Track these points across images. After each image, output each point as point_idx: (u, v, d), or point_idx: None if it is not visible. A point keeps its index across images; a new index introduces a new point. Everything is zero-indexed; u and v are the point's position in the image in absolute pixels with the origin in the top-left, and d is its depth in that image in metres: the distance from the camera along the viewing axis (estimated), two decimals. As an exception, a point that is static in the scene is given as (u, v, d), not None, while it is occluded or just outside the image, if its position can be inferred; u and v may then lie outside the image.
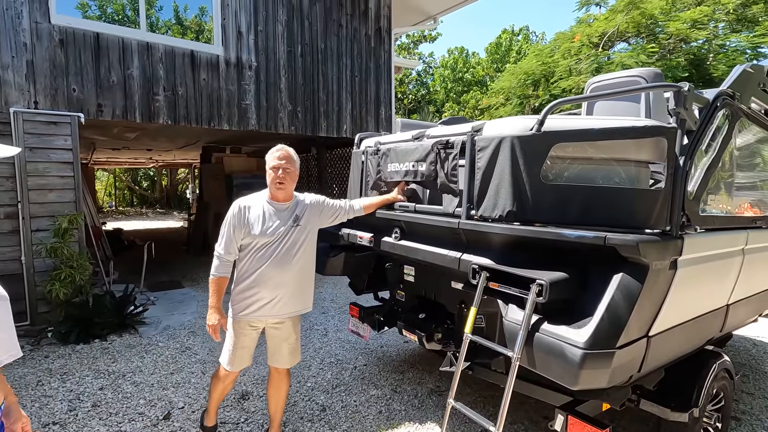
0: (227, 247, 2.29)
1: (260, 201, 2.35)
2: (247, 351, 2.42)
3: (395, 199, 2.66)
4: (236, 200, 2.35)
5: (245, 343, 2.39)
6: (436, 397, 3.21)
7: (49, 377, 3.54)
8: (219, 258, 2.31)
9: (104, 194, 24.59)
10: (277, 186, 2.30)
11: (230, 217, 2.30)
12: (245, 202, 2.33)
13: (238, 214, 2.29)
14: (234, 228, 2.27)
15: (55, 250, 4.53)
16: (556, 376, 1.65)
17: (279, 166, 2.29)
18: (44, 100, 4.75)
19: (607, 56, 10.19)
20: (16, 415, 1.23)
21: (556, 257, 1.91)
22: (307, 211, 2.42)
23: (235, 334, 2.37)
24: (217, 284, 2.32)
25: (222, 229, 2.33)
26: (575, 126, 1.92)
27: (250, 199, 2.36)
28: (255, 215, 2.28)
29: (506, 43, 20.45)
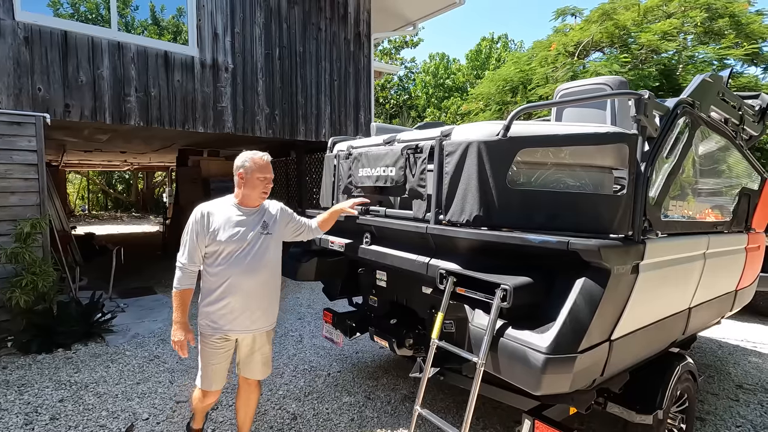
0: (191, 256, 2.16)
1: (225, 206, 2.24)
2: (223, 367, 2.29)
3: (342, 211, 2.59)
4: (198, 206, 2.22)
5: (220, 359, 2.26)
6: (409, 404, 3.18)
7: (6, 389, 3.37)
8: (182, 269, 2.16)
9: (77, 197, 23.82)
10: (263, 196, 2.26)
11: (192, 223, 2.17)
12: (208, 207, 2.21)
13: (201, 220, 2.16)
14: (197, 235, 2.15)
15: (16, 255, 4.34)
16: (520, 381, 1.65)
17: (267, 177, 2.25)
18: (7, 99, 4.56)
19: (582, 65, 10.46)
20: None
21: (522, 262, 1.91)
22: (278, 220, 2.35)
23: (208, 351, 2.24)
24: (182, 297, 2.18)
25: (184, 237, 2.19)
26: (540, 132, 1.94)
27: (212, 204, 2.24)
28: (220, 221, 2.17)
29: (486, 51, 20.77)
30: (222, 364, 2.28)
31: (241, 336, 2.27)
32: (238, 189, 2.25)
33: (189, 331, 2.21)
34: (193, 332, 2.25)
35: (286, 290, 6.55)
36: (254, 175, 2.21)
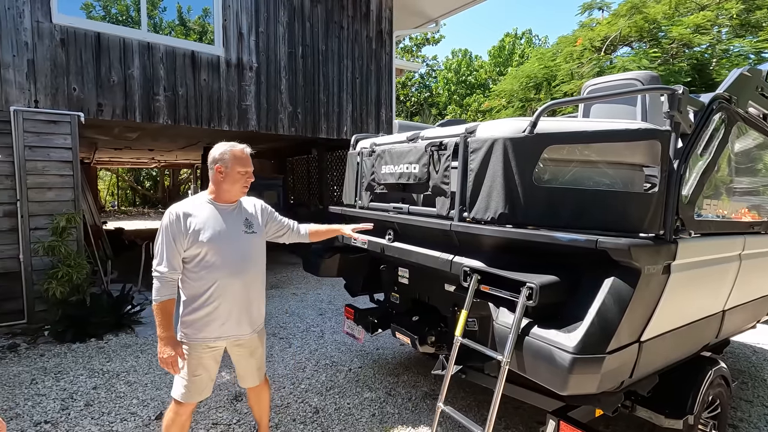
0: (170, 263, 1.93)
1: (201, 204, 2.04)
2: (208, 376, 2.10)
3: (340, 232, 2.43)
4: (171, 207, 2.02)
5: (207, 368, 2.08)
6: (431, 401, 3.18)
7: (44, 376, 3.53)
8: (160, 278, 1.93)
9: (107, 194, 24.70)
10: (243, 191, 2.09)
11: (167, 226, 1.95)
12: (183, 207, 2.00)
13: (177, 222, 1.95)
14: (175, 238, 1.93)
15: (52, 248, 4.54)
16: (545, 380, 1.63)
17: (247, 170, 2.05)
18: (44, 99, 4.77)
19: (609, 60, 10.18)
20: None
21: (547, 260, 1.89)
22: (260, 217, 2.21)
23: (193, 362, 2.04)
24: (164, 309, 1.94)
25: (158, 244, 1.96)
26: (568, 128, 1.90)
27: (187, 204, 2.02)
28: (200, 220, 1.98)
29: (509, 47, 20.44)
30: (208, 374, 2.10)
31: (230, 342, 2.11)
32: (216, 185, 2.04)
33: (178, 345, 1.99)
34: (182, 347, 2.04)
35: (307, 286, 6.64)
36: (234, 169, 2.01)
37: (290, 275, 7.33)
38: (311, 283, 6.86)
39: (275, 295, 6.14)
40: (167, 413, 2.15)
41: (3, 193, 4.55)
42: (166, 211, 2.03)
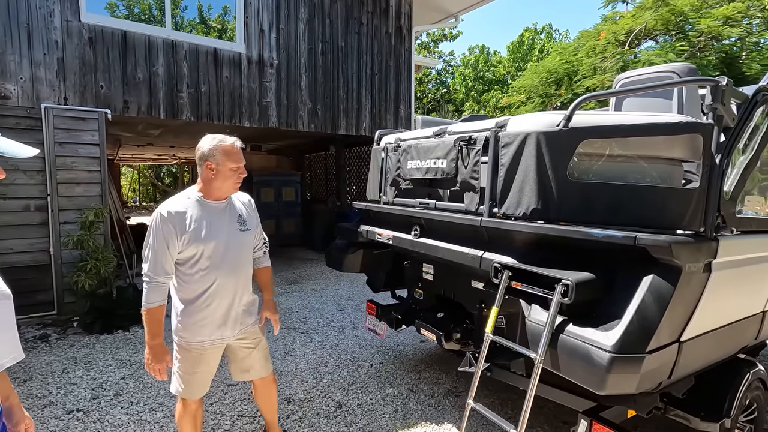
0: (161, 266, 1.83)
1: (191, 202, 1.93)
2: (208, 372, 2.04)
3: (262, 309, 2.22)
4: (160, 207, 1.90)
5: (206, 366, 2.02)
6: (453, 398, 3.17)
7: (74, 365, 3.63)
8: (150, 282, 1.82)
9: (129, 190, 25.28)
10: (236, 187, 1.98)
11: (157, 227, 1.84)
12: (173, 206, 1.88)
13: (168, 222, 1.84)
14: (167, 240, 1.83)
15: (81, 242, 4.66)
16: (581, 379, 1.59)
17: (240, 167, 1.94)
18: (73, 96, 4.89)
19: (634, 55, 9.93)
20: (19, 416, 1.16)
21: (581, 257, 1.85)
22: (254, 216, 2.15)
23: (191, 358, 1.99)
24: (154, 316, 1.83)
25: (148, 246, 1.85)
26: (604, 122, 1.85)
27: (176, 202, 1.91)
28: (193, 219, 1.88)
29: (528, 42, 20.11)
30: (208, 371, 2.04)
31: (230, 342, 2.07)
32: (205, 182, 1.93)
33: (167, 352, 1.90)
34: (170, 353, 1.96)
35: (326, 282, 6.67)
36: (226, 166, 1.89)
37: (309, 271, 7.38)
38: (330, 278, 6.89)
39: (295, 291, 6.19)
40: (177, 406, 2.14)
41: (34, 188, 4.69)
42: (155, 210, 1.91)
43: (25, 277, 4.65)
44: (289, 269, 7.39)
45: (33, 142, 4.64)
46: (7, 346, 1.04)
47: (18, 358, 1.08)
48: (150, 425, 2.77)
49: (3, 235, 4.54)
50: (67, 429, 2.72)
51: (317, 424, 2.82)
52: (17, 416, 1.16)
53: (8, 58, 4.52)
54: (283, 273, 7.14)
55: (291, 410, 2.97)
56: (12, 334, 1.07)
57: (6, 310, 1.06)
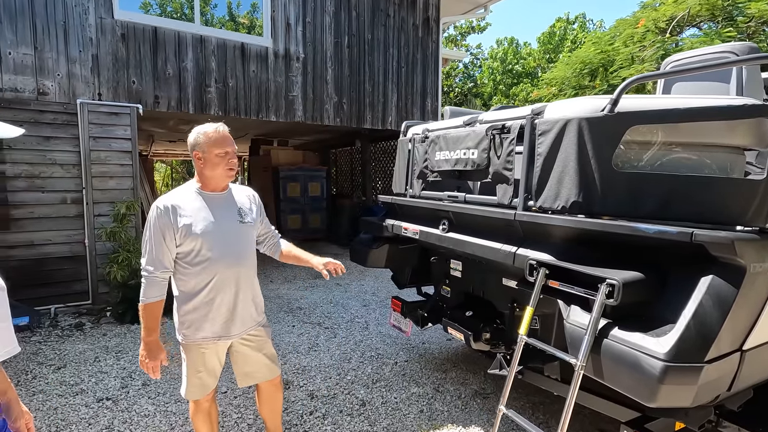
0: (159, 261, 1.80)
1: (189, 195, 1.90)
2: (213, 374, 2.00)
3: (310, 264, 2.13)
4: (157, 200, 1.88)
5: (209, 365, 1.97)
6: (481, 400, 3.04)
7: (106, 354, 3.72)
8: (148, 277, 1.79)
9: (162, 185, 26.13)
10: (228, 174, 1.90)
11: (155, 220, 1.80)
12: (171, 200, 1.85)
13: (165, 215, 1.80)
14: (165, 234, 1.79)
15: (114, 234, 4.78)
16: (628, 389, 1.45)
17: (228, 151, 1.86)
18: (107, 91, 5.01)
19: (675, 43, 9.39)
20: (18, 412, 1.12)
21: (625, 255, 1.69)
22: (254, 210, 2.08)
23: (194, 358, 1.95)
24: (151, 311, 1.80)
25: (146, 240, 1.83)
26: (655, 106, 1.68)
27: (174, 196, 1.89)
28: (190, 212, 1.85)
29: (560, 33, 19.39)
30: (212, 371, 1.99)
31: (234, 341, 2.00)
32: (199, 174, 1.91)
33: (162, 350, 1.87)
34: (167, 351, 1.94)
35: (350, 277, 6.62)
36: (212, 152, 1.84)
37: (333, 266, 7.36)
38: (354, 273, 6.84)
39: (319, 285, 6.18)
40: (189, 404, 2.11)
41: (70, 182, 4.84)
42: (153, 204, 1.88)
43: (63, 267, 4.82)
44: (314, 264, 7.39)
45: (69, 136, 4.79)
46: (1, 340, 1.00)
47: (13, 351, 1.03)
48: (175, 416, 2.79)
49: (42, 226, 4.71)
50: (97, 417, 2.77)
51: (340, 421, 2.76)
52: (15, 412, 1.11)
53: (46, 55, 4.66)
54: (307, 268, 7.14)
55: (314, 406, 2.93)
56: (5, 325, 1.02)
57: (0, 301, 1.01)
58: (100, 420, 2.73)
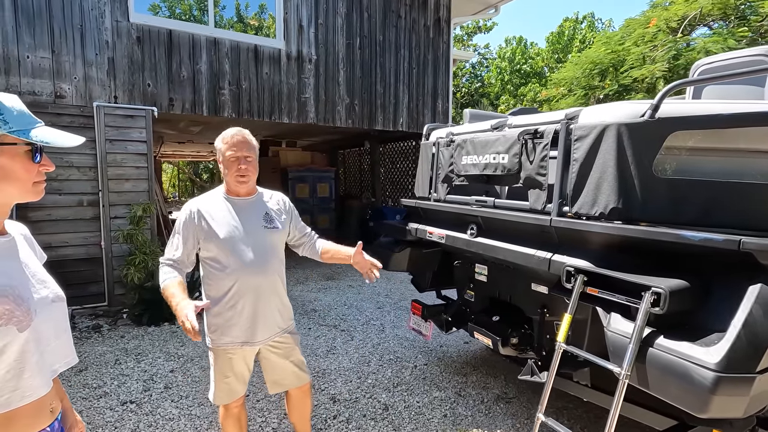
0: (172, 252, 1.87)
1: (217, 200, 1.94)
2: (241, 380, 2.00)
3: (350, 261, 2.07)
4: (189, 203, 1.94)
5: (237, 370, 1.97)
6: (504, 404, 3.02)
7: (126, 357, 3.73)
8: (162, 265, 1.86)
9: (169, 185, 26.25)
10: (239, 180, 1.88)
11: (186, 220, 1.87)
12: (200, 203, 1.90)
13: (193, 218, 1.86)
14: (190, 234, 1.86)
15: (130, 236, 4.80)
16: (677, 399, 1.43)
17: (239, 156, 1.86)
18: (122, 94, 5.02)
19: (687, 42, 9.34)
20: (72, 420, 1.14)
21: (666, 262, 1.67)
22: (285, 215, 2.07)
23: (221, 364, 1.96)
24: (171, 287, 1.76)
25: (174, 234, 1.89)
26: (697, 111, 1.66)
27: (204, 200, 1.93)
28: (215, 216, 1.88)
29: (569, 32, 19.30)
30: (240, 377, 1.99)
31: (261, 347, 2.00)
32: (224, 178, 1.95)
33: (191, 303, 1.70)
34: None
35: (362, 279, 6.61)
36: (226, 155, 1.86)
37: (344, 267, 7.36)
38: (366, 275, 6.83)
39: (332, 287, 6.17)
40: (219, 409, 2.11)
41: (87, 184, 4.86)
42: (184, 206, 1.94)
43: (79, 269, 4.84)
44: (324, 266, 7.39)
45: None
46: (62, 351, 1.01)
47: (72, 362, 1.04)
48: (200, 420, 2.79)
49: (59, 228, 4.73)
50: (122, 420, 2.77)
51: (365, 426, 2.76)
52: (70, 420, 1.13)
53: (63, 58, 4.69)
54: (319, 269, 7.15)
55: (337, 410, 2.92)
56: (66, 337, 1.03)
57: (61, 313, 1.02)
58: (126, 423, 2.74)
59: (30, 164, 0.92)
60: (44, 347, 0.95)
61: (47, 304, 0.97)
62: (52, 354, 0.97)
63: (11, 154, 0.89)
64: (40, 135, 0.91)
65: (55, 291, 1.02)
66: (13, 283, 0.90)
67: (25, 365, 0.90)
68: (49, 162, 0.97)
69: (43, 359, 0.94)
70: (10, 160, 0.89)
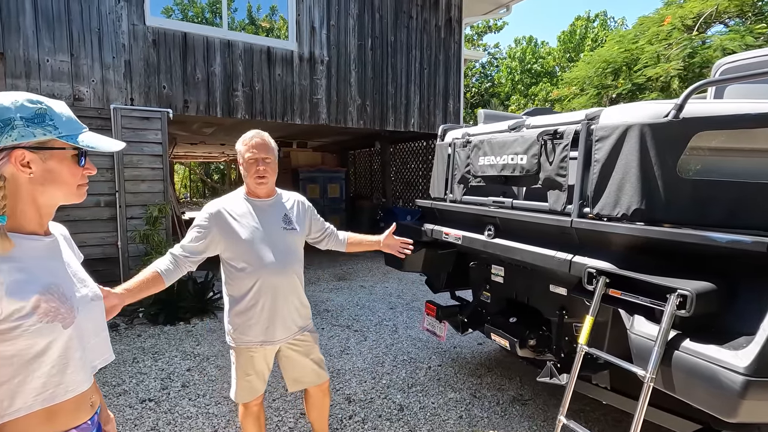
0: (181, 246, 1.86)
1: (238, 201, 1.97)
2: (261, 378, 2.02)
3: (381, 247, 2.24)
4: (211, 202, 1.96)
5: (258, 369, 2.00)
6: (520, 406, 3.01)
7: (143, 355, 3.78)
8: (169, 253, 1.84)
9: (180, 186, 26.56)
10: (258, 182, 1.90)
11: (208, 219, 1.88)
12: (223, 204, 1.93)
13: (213, 218, 1.88)
14: (211, 232, 1.87)
15: (146, 236, 4.87)
16: (704, 403, 1.41)
17: (257, 158, 1.88)
18: (138, 97, 5.10)
19: (702, 40, 9.20)
20: (105, 415, 1.18)
21: (689, 264, 1.65)
22: (303, 215, 2.10)
23: (242, 362, 1.99)
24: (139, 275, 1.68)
25: (191, 231, 1.90)
26: (724, 111, 1.64)
27: (225, 200, 1.96)
28: (237, 217, 1.91)
29: (581, 31, 19.10)
30: (260, 376, 2.02)
31: (281, 345, 2.02)
32: (244, 180, 1.98)
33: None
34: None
35: (374, 279, 6.63)
36: (246, 157, 1.90)
37: (355, 267, 7.38)
38: (377, 275, 6.85)
39: (344, 287, 6.19)
40: (239, 407, 2.13)
41: (104, 185, 4.94)
42: (206, 205, 1.97)
43: (96, 269, 4.89)
44: (335, 266, 7.42)
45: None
46: (100, 348, 1.04)
47: (109, 359, 1.08)
48: (217, 419, 2.82)
49: (77, 229, 4.81)
50: (142, 418, 2.81)
51: (380, 426, 2.76)
52: (104, 414, 1.17)
53: (81, 62, 4.77)
54: (330, 269, 7.17)
55: (353, 411, 2.93)
56: (104, 335, 1.06)
57: (99, 311, 1.05)
58: (145, 421, 2.77)
59: (76, 168, 0.97)
60: (85, 344, 0.98)
61: (87, 303, 1.00)
62: (92, 351, 1.01)
63: (60, 158, 0.94)
64: (86, 140, 0.96)
65: (94, 290, 1.05)
66: (58, 281, 0.93)
67: (68, 361, 0.93)
68: (92, 166, 1.01)
69: (85, 355, 0.97)
70: (58, 164, 0.93)
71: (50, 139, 0.91)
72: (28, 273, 0.88)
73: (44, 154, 0.91)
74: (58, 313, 0.89)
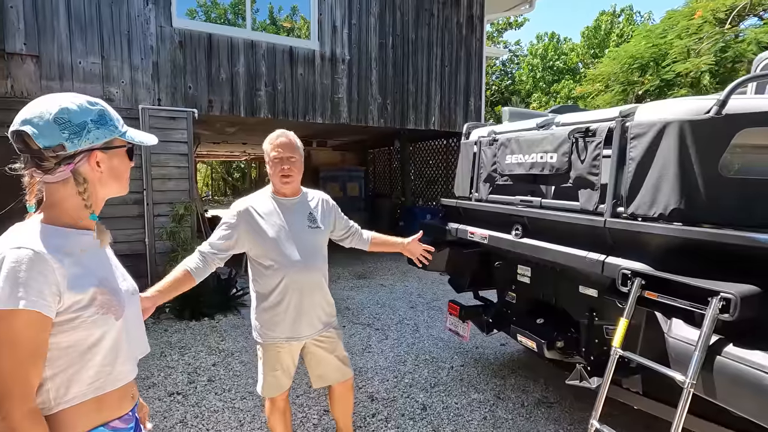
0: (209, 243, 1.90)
1: (265, 199, 1.99)
2: (287, 373, 2.06)
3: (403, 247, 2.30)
4: (239, 201, 2.01)
5: (284, 364, 2.03)
6: (546, 409, 2.96)
7: (170, 350, 3.88)
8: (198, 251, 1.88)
9: (202, 184, 27.11)
10: (284, 181, 1.92)
11: (236, 216, 1.92)
12: (247, 203, 1.96)
13: (240, 217, 1.92)
14: (239, 230, 1.91)
15: (173, 234, 4.98)
16: (751, 412, 1.36)
17: (282, 157, 1.90)
18: (165, 97, 5.22)
19: (735, 34, 8.87)
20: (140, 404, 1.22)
21: (730, 265, 1.58)
22: (328, 214, 2.12)
23: (269, 358, 2.03)
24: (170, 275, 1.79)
25: (219, 228, 1.94)
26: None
27: (251, 199, 1.99)
28: (263, 216, 1.94)
29: (606, 26, 18.63)
30: (286, 371, 2.05)
31: (307, 342, 2.05)
32: (270, 179, 2.01)
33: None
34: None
35: (394, 278, 6.62)
36: (271, 156, 1.92)
37: (375, 266, 7.39)
38: (397, 274, 6.84)
39: (364, 286, 6.21)
40: (266, 403, 2.17)
41: (132, 183, 4.98)
42: (233, 204, 2.01)
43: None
44: (356, 264, 7.44)
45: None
46: (140, 340, 1.07)
47: (146, 351, 1.12)
48: (243, 413, 2.86)
49: (107, 225, 4.95)
50: (170, 410, 2.88)
51: (404, 425, 2.76)
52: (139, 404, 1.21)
53: (111, 63, 4.91)
54: (350, 267, 7.20)
55: (375, 409, 2.94)
56: (143, 328, 1.10)
57: (138, 305, 1.09)
58: (174, 414, 2.84)
59: (129, 162, 1.03)
60: (130, 336, 1.01)
61: (129, 296, 1.03)
62: (135, 342, 1.03)
63: (120, 156, 1.00)
64: (134, 136, 1.01)
65: (132, 284, 1.08)
66: (108, 275, 0.96)
67: (118, 352, 0.97)
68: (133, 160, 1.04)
69: (130, 347, 1.00)
70: (120, 161, 1.00)
71: (113, 138, 0.97)
72: (85, 267, 0.93)
73: (111, 153, 0.97)
74: (111, 305, 0.92)
